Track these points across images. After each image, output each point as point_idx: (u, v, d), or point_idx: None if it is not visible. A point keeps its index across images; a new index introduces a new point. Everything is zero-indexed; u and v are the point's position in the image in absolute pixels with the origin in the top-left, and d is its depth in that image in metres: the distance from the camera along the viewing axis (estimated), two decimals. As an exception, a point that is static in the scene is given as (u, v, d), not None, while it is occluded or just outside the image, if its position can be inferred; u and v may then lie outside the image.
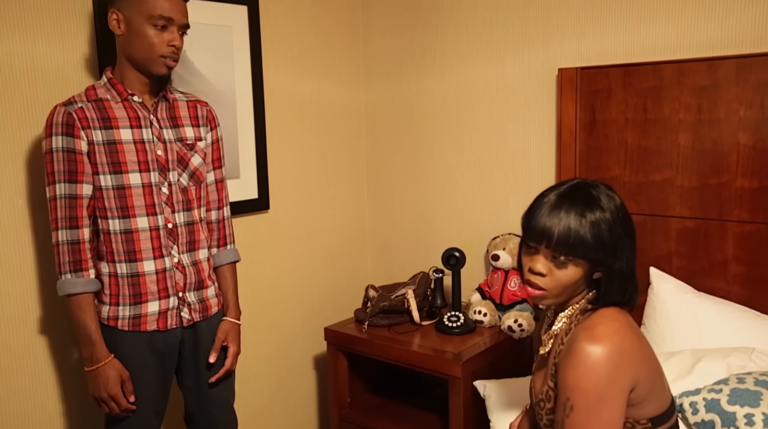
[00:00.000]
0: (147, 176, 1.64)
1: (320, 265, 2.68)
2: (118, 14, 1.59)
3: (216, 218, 1.84)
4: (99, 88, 1.63)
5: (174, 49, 1.62)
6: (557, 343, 1.29)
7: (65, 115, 1.56)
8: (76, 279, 1.58)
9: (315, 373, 2.70)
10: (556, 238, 1.21)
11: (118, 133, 1.60)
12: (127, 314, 1.64)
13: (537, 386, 1.36)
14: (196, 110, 1.78)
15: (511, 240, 2.32)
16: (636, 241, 1.29)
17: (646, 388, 1.20)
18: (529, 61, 2.30)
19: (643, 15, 2.04)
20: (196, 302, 1.74)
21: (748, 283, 1.90)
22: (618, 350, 1.16)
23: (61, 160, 1.55)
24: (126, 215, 1.62)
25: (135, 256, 1.63)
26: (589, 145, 2.14)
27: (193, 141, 1.74)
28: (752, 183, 1.87)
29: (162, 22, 1.58)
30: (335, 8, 2.62)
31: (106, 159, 1.59)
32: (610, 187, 1.29)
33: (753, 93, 1.83)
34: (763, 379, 1.51)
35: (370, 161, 2.83)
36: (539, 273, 1.25)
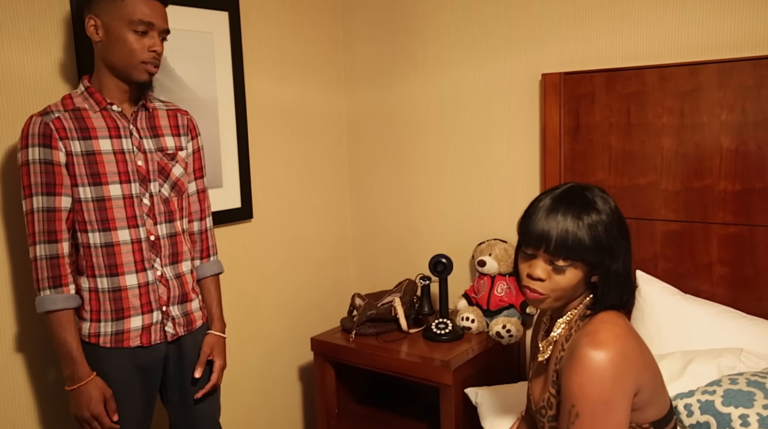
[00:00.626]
0: (128, 187, 1.59)
1: (303, 273, 2.64)
2: (96, 20, 1.54)
3: (198, 229, 1.79)
4: (76, 97, 1.58)
5: (155, 54, 1.58)
6: (557, 350, 1.28)
7: (42, 125, 1.50)
8: (55, 295, 1.53)
9: (300, 383, 2.66)
10: (555, 242, 1.21)
11: (97, 144, 1.55)
12: (109, 330, 1.59)
13: (536, 393, 1.35)
14: (177, 119, 1.73)
15: (497, 245, 2.32)
16: (631, 243, 1.30)
17: (648, 392, 1.21)
18: (512, 67, 2.31)
19: (624, 21, 2.06)
20: (180, 316, 1.69)
21: (733, 284, 1.93)
22: (621, 355, 1.16)
23: (38, 172, 1.50)
24: (107, 228, 1.57)
25: (116, 270, 1.58)
26: (574, 150, 2.15)
27: (174, 151, 1.70)
28: (735, 186, 1.89)
29: (142, 27, 1.54)
30: (315, 13, 2.60)
31: (85, 170, 1.54)
32: (603, 190, 1.30)
33: (734, 97, 1.87)
34: (755, 380, 1.52)
35: (351, 168, 2.81)
36: (538, 278, 1.25)
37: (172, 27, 2.02)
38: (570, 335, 1.26)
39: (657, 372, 1.25)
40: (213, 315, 1.80)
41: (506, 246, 2.31)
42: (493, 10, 2.32)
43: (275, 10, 2.42)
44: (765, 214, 1.86)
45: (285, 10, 2.47)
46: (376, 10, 2.62)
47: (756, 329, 1.80)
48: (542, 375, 1.35)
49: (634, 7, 2.04)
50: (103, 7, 1.53)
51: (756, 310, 1.89)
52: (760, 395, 1.47)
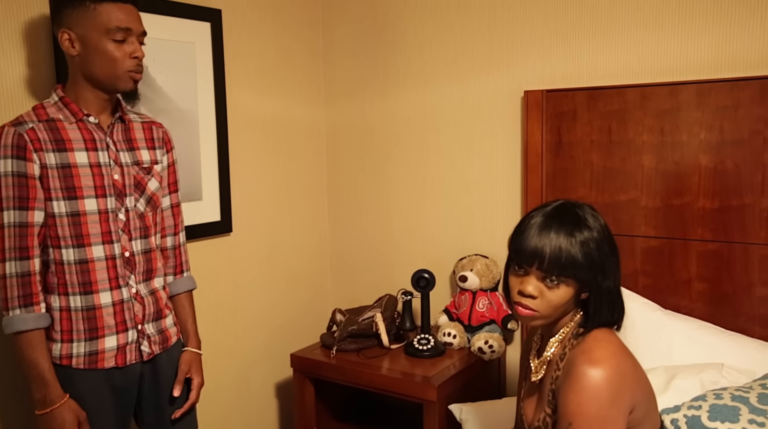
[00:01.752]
0: (103, 202, 1.53)
1: (281, 288, 2.60)
2: (69, 33, 1.47)
3: (172, 244, 1.75)
4: (49, 107, 1.51)
5: (138, 60, 1.53)
6: (552, 369, 1.28)
7: (15, 136, 1.43)
8: (26, 314, 1.45)
9: (277, 400, 2.61)
10: (548, 260, 1.21)
11: (72, 156, 1.49)
12: (83, 351, 1.52)
13: (529, 413, 1.35)
14: (152, 132, 1.68)
15: (479, 261, 2.32)
16: (620, 260, 1.31)
17: (643, 409, 1.21)
18: (494, 83, 2.33)
19: (605, 40, 2.10)
20: (155, 333, 1.64)
21: (711, 300, 1.96)
22: (617, 373, 1.16)
23: (10, 185, 1.43)
24: (81, 244, 1.50)
25: (91, 288, 1.52)
26: (556, 166, 2.18)
27: (149, 164, 1.65)
28: (713, 203, 1.94)
29: (120, 34, 1.48)
30: (297, 26, 2.58)
31: (59, 184, 1.47)
32: (593, 207, 1.31)
33: (712, 117, 1.91)
34: (739, 395, 1.54)
35: (330, 181, 2.79)
36: (530, 295, 1.24)
37: (155, 36, 2.00)
38: (564, 354, 1.26)
39: (650, 389, 1.26)
40: (189, 331, 1.76)
41: (487, 261, 2.32)
42: (475, 26, 2.34)
43: (257, 22, 2.40)
44: (742, 231, 1.90)
45: (266, 22, 2.45)
46: (357, 24, 2.62)
47: (735, 344, 1.83)
48: (535, 394, 1.34)
49: (615, 27, 2.08)
50: (75, 19, 1.47)
51: (733, 326, 1.92)
52: (744, 410, 1.50)
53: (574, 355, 1.22)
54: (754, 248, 1.88)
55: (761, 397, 1.54)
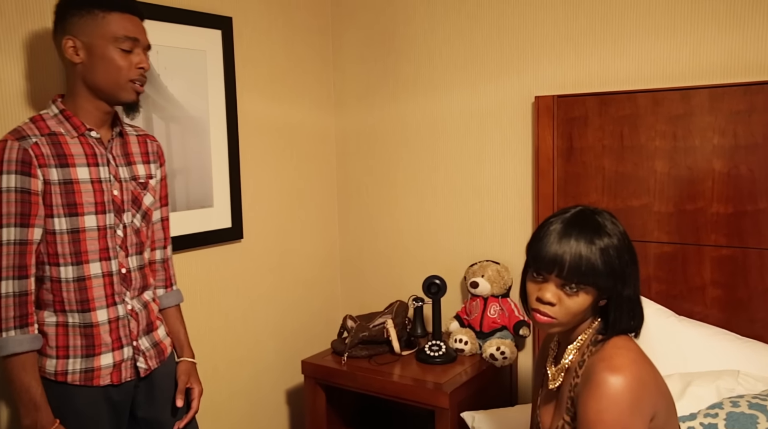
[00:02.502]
0: (102, 218, 1.50)
1: (292, 294, 2.60)
2: (74, 41, 1.45)
3: (161, 258, 1.73)
4: (49, 120, 1.47)
5: (143, 71, 1.51)
6: (570, 377, 1.26)
7: (21, 151, 1.39)
8: (21, 336, 1.40)
9: (288, 407, 2.60)
10: (568, 267, 1.19)
11: (74, 172, 1.46)
12: (78, 368, 1.48)
13: (546, 421, 1.33)
14: (147, 146, 1.66)
15: (490, 267, 2.31)
16: (639, 267, 1.30)
17: (663, 417, 1.20)
18: (504, 89, 2.33)
19: (617, 46, 2.10)
20: (150, 347, 1.62)
21: (726, 306, 1.95)
22: (638, 380, 1.15)
23: (12, 202, 1.39)
24: (79, 261, 1.47)
25: (88, 306, 1.49)
26: (567, 172, 2.17)
27: (145, 179, 1.63)
28: (727, 208, 1.92)
29: (128, 44, 1.46)
30: (306, 33, 2.59)
31: (61, 200, 1.44)
32: (612, 214, 1.29)
33: (725, 121, 1.90)
34: (757, 402, 1.53)
35: (340, 187, 2.79)
36: (549, 302, 1.23)
37: (166, 44, 2.01)
38: (583, 361, 1.24)
39: (670, 397, 1.24)
40: (183, 342, 1.74)
41: (499, 267, 2.31)
42: (485, 32, 2.34)
43: (267, 29, 2.41)
44: (756, 236, 1.88)
45: (277, 29, 2.45)
46: (366, 31, 2.62)
47: (750, 351, 1.81)
48: (553, 402, 1.33)
49: (626, 33, 2.08)
50: (81, 26, 1.44)
51: (749, 332, 1.91)
52: (762, 418, 1.48)
53: (594, 362, 1.20)
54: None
55: (779, 404, 1.52)
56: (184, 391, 1.67)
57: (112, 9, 1.45)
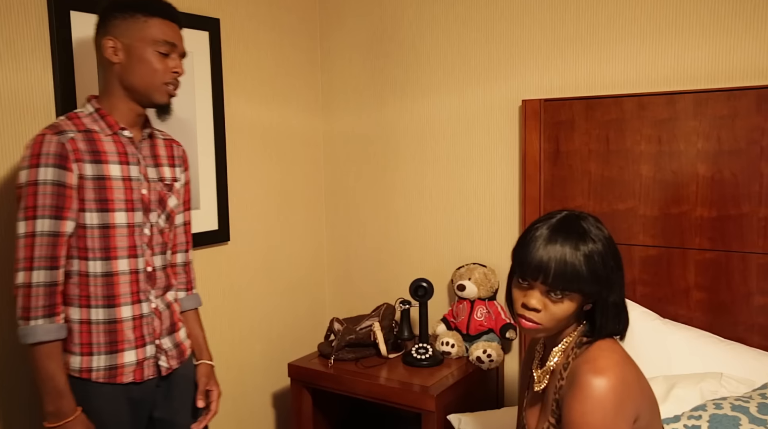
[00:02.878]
0: (131, 216, 1.54)
1: (279, 297, 2.59)
2: (115, 41, 1.50)
3: (183, 261, 1.77)
4: (84, 118, 1.52)
5: (177, 76, 1.56)
6: (555, 379, 1.27)
7: (58, 145, 1.43)
8: (48, 325, 1.43)
9: (274, 410, 2.59)
10: (553, 274, 1.19)
11: (107, 169, 1.50)
12: (102, 365, 1.51)
13: (532, 423, 1.34)
14: (172, 150, 1.71)
15: (476, 270, 2.32)
16: (624, 272, 1.30)
17: (647, 418, 1.20)
18: (492, 93, 2.34)
19: (603, 50, 2.11)
20: (172, 348, 1.65)
21: (710, 309, 1.97)
22: (622, 382, 1.16)
23: (47, 194, 1.42)
24: (107, 257, 1.50)
25: (113, 301, 1.52)
26: (554, 176, 2.18)
27: (170, 181, 1.67)
28: (711, 212, 1.94)
29: (166, 48, 1.52)
30: (295, 36, 2.59)
31: (93, 195, 1.48)
32: (597, 218, 1.30)
33: (709, 126, 1.92)
34: (739, 404, 1.54)
35: (328, 191, 2.78)
36: (534, 308, 1.23)
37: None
38: (568, 363, 1.25)
39: (653, 399, 1.25)
40: (201, 345, 1.78)
41: (485, 270, 2.31)
42: (473, 36, 2.35)
43: (255, 31, 2.41)
44: (739, 240, 1.90)
45: (265, 32, 2.45)
46: (354, 34, 2.62)
47: (734, 353, 1.83)
48: (538, 404, 1.33)
49: (612, 38, 2.09)
50: (123, 28, 1.50)
51: (732, 335, 1.92)
52: (744, 420, 1.49)
53: (578, 364, 1.21)
54: (752, 257, 1.89)
55: (761, 406, 1.54)
56: (204, 393, 1.72)
57: (153, 14, 1.51)
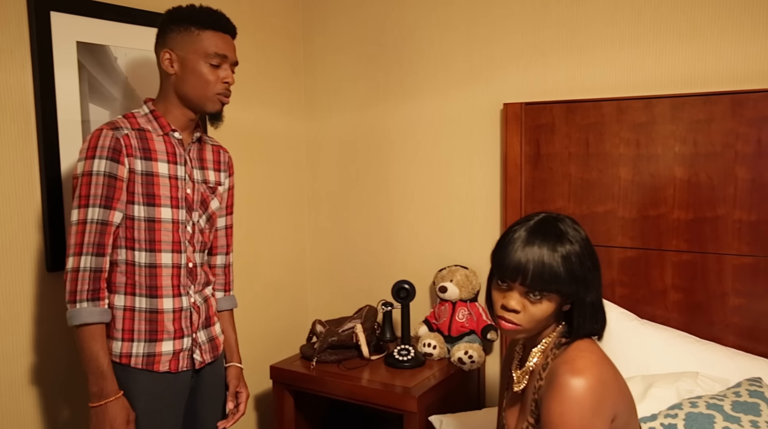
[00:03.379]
0: (176, 213, 1.62)
1: (261, 299, 2.59)
2: (171, 54, 1.59)
3: (223, 263, 1.85)
4: (139, 118, 1.61)
5: (228, 85, 1.64)
6: (534, 379, 1.28)
7: (113, 139, 1.53)
8: (93, 308, 1.51)
9: (256, 413, 2.59)
10: (531, 275, 1.21)
11: (156, 166, 1.59)
12: (141, 351, 1.58)
13: (511, 423, 1.35)
14: (220, 155, 1.79)
15: (458, 271, 2.33)
16: (601, 272, 1.33)
17: (624, 418, 1.22)
18: (474, 96, 2.36)
19: (583, 55, 2.14)
20: (206, 341, 1.72)
21: (686, 309, 2.00)
22: (600, 382, 1.17)
23: (100, 184, 1.51)
24: (152, 249, 1.59)
25: (156, 292, 1.60)
26: (534, 178, 2.20)
27: (214, 185, 1.75)
28: (687, 214, 1.98)
29: (217, 60, 1.60)
30: (277, 38, 2.59)
31: (141, 189, 1.57)
32: (574, 220, 1.32)
33: (686, 130, 1.96)
34: (714, 403, 1.57)
35: (311, 193, 2.79)
36: (513, 310, 1.25)
37: (134, 47, 1.99)
38: (547, 364, 1.27)
39: (630, 398, 1.27)
40: (233, 347, 1.85)
41: (467, 272, 2.33)
42: (455, 40, 2.37)
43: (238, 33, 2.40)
44: (715, 242, 1.94)
45: (247, 34, 2.45)
46: (337, 38, 2.63)
47: (709, 353, 1.86)
48: (517, 404, 1.35)
49: (592, 43, 2.12)
50: (178, 41, 1.58)
51: (708, 335, 1.96)
52: (719, 418, 1.52)
53: (557, 365, 1.23)
54: (727, 258, 1.92)
55: (735, 404, 1.57)
56: (234, 395, 1.81)
57: (206, 27, 1.59)
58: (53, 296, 1.86)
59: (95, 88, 1.91)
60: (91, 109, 1.91)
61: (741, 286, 1.91)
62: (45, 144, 1.80)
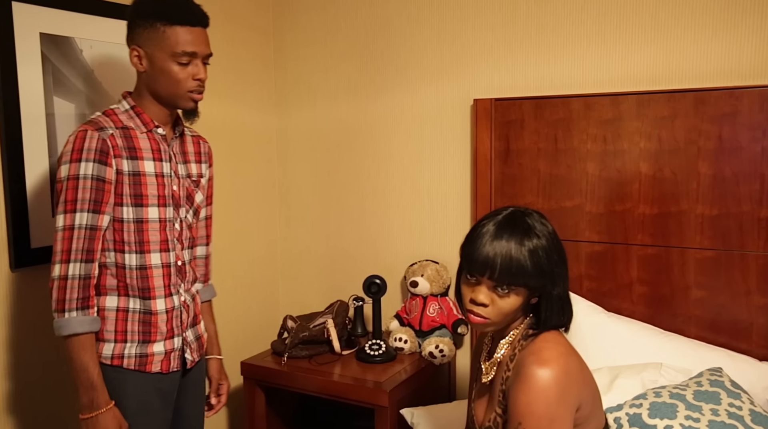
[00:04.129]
0: (164, 211, 1.59)
1: (231, 295, 2.57)
2: (139, 50, 1.53)
3: (203, 254, 1.83)
4: (120, 115, 1.55)
5: (200, 82, 1.57)
6: (502, 370, 1.31)
7: (100, 141, 1.47)
8: (83, 317, 1.46)
9: (226, 409, 2.57)
10: (499, 270, 1.23)
11: (142, 165, 1.54)
12: (134, 352, 1.55)
13: (480, 414, 1.37)
14: (199, 146, 1.75)
15: (429, 266, 2.35)
16: (568, 266, 1.35)
17: (589, 407, 1.25)
18: (444, 92, 2.37)
19: (551, 52, 2.17)
20: (194, 340, 1.70)
21: (651, 302, 2.05)
22: (565, 373, 1.20)
23: (88, 188, 1.46)
24: (142, 250, 1.55)
25: (149, 294, 1.56)
26: (504, 174, 2.23)
27: (197, 178, 1.72)
28: (652, 209, 2.02)
29: (186, 58, 1.53)
30: (247, 32, 2.57)
31: (129, 190, 1.52)
32: (542, 214, 1.34)
33: (651, 126, 2.00)
34: (677, 392, 1.62)
35: (281, 188, 2.77)
36: (482, 303, 1.27)
37: (100, 39, 1.96)
38: (514, 355, 1.29)
39: (596, 388, 1.30)
40: (213, 339, 1.84)
41: (438, 267, 2.35)
42: (425, 36, 2.38)
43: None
44: (678, 236, 1.99)
45: (216, 27, 2.40)
46: (308, 32, 2.62)
47: (673, 345, 1.91)
48: (486, 395, 1.37)
49: (560, 41, 2.15)
50: (145, 38, 1.51)
51: (671, 327, 2.01)
52: (682, 407, 1.57)
53: (524, 356, 1.25)
54: (690, 252, 1.97)
55: (696, 394, 1.61)
56: (216, 390, 1.81)
57: (172, 23, 1.50)
58: (18, 295, 1.82)
59: (60, 80, 1.88)
60: (56, 102, 1.87)
61: (703, 279, 1.96)
62: (7, 138, 1.76)
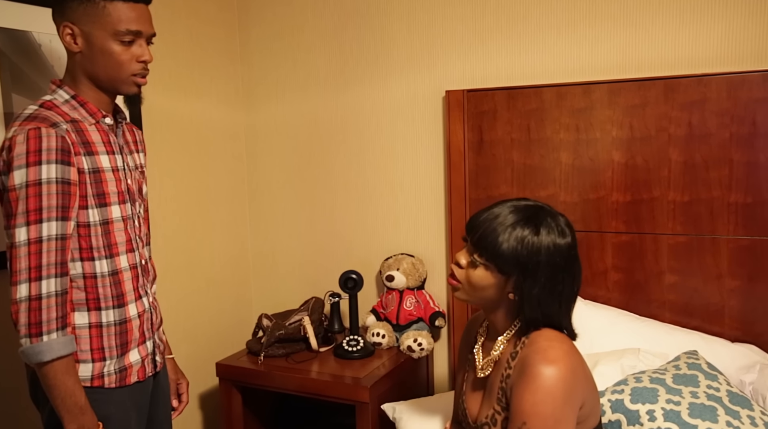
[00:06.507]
0: (124, 208, 1.44)
1: (203, 296, 2.51)
2: (72, 28, 1.34)
3: (149, 253, 1.66)
4: (62, 106, 1.36)
5: (145, 65, 1.41)
6: (501, 368, 1.29)
7: (59, 139, 1.28)
8: (63, 337, 1.29)
9: (202, 411, 2.51)
10: (479, 235, 1.26)
11: (99, 160, 1.38)
12: (113, 369, 1.41)
13: (474, 408, 1.36)
14: (135, 134, 1.58)
15: (405, 260, 2.33)
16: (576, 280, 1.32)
17: (590, 404, 1.25)
18: (415, 84, 2.35)
19: (522, 42, 2.17)
20: (159, 342, 1.59)
21: (626, 289, 2.07)
22: (571, 372, 1.19)
23: (54, 194, 1.28)
24: (111, 254, 1.40)
25: (122, 300, 1.43)
26: (478, 165, 2.22)
27: (142, 168, 1.57)
28: (625, 197, 2.04)
29: (129, 37, 1.36)
30: (211, 26, 2.51)
31: (92, 190, 1.36)
32: (569, 224, 1.29)
33: (623, 115, 2.01)
34: (657, 377, 1.63)
35: (251, 185, 2.72)
36: (458, 263, 1.31)
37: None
38: (515, 353, 1.27)
39: (595, 386, 1.30)
40: (163, 339, 1.70)
41: (414, 260, 2.33)
42: (396, 27, 2.36)
43: (170, 20, 2.31)
44: (651, 222, 2.01)
45: (180, 21, 2.36)
46: (274, 25, 2.57)
47: (648, 330, 1.94)
48: (481, 390, 1.35)
49: (530, 30, 2.15)
50: (81, 14, 1.33)
51: (646, 312, 2.04)
52: (662, 390, 1.58)
53: (528, 354, 1.23)
54: (663, 238, 2.00)
55: (675, 377, 1.63)
56: (176, 391, 1.70)
57: None
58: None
59: (18, 77, 1.79)
60: (15, 99, 1.79)
61: (676, 264, 1.99)
62: (-36, 138, 1.67)
